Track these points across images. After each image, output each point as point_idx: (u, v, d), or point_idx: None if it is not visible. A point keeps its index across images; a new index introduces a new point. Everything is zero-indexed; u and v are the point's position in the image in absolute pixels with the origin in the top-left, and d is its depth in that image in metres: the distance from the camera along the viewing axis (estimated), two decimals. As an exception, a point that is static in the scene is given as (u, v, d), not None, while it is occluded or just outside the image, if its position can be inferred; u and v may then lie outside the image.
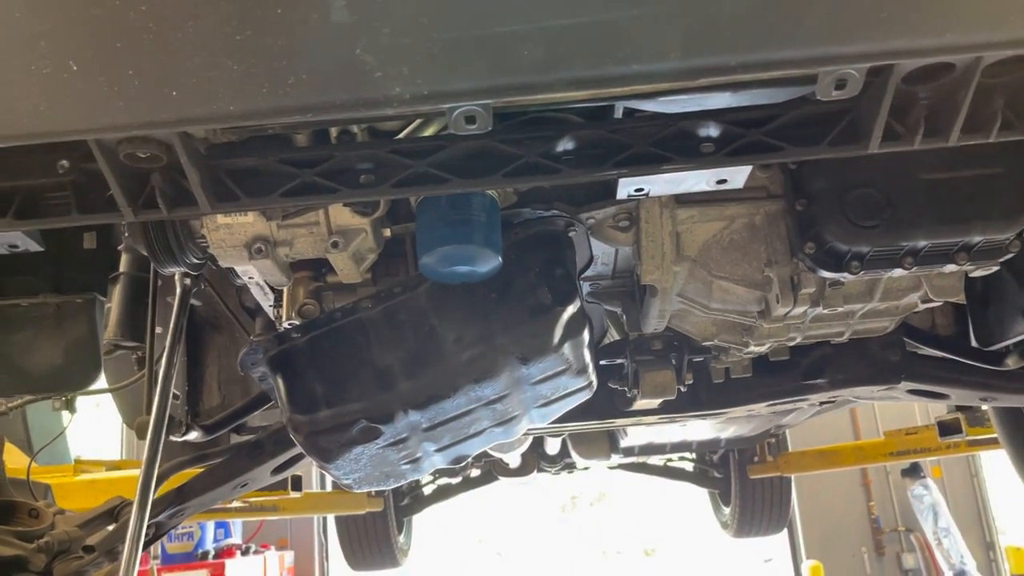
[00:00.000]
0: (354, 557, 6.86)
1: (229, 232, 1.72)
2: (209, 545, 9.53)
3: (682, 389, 2.50)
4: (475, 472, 6.79)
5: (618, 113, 1.53)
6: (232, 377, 2.97)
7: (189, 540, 9.43)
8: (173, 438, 2.46)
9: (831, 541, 11.31)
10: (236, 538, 10.22)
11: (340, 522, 6.72)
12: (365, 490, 2.16)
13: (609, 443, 5.31)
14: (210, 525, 9.61)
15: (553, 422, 2.60)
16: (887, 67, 1.28)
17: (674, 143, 1.45)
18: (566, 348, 1.95)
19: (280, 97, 1.19)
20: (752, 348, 2.28)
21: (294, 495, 4.36)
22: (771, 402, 2.74)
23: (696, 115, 1.44)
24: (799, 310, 2.00)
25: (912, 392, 2.71)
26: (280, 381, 1.93)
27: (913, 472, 11.03)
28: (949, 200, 1.80)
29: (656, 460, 7.13)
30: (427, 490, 7.20)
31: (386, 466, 2.08)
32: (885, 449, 5.71)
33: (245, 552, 9.92)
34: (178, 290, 2.18)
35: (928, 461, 10.84)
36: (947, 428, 3.87)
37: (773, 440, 6.33)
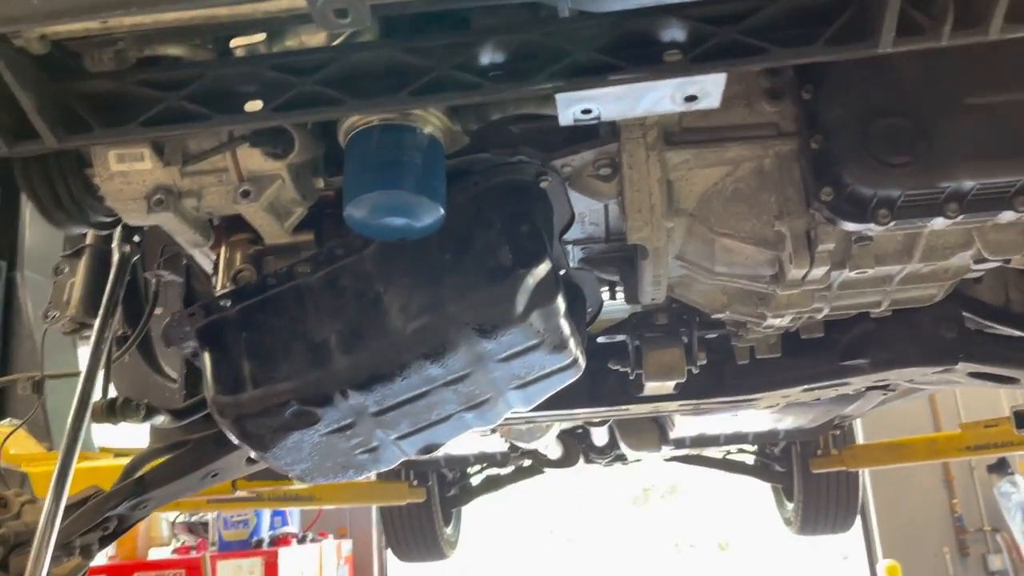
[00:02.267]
0: (399, 548, 6.69)
1: (125, 181, 1.48)
2: (264, 533, 9.50)
3: (693, 370, 2.17)
4: (526, 462, 6.53)
5: (563, 15, 1.22)
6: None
7: (244, 528, 9.42)
8: (131, 423, 2.25)
9: (910, 540, 10.67)
10: (293, 526, 10.18)
11: (384, 512, 6.54)
12: (320, 482, 1.89)
13: (659, 433, 4.98)
14: (266, 513, 9.58)
15: (555, 408, 2.30)
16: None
17: (626, 49, 1.13)
18: (534, 318, 1.64)
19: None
20: (772, 321, 1.93)
21: (300, 484, 4.13)
22: (806, 386, 2.38)
23: (651, 10, 1.12)
24: (818, 272, 1.65)
25: (974, 375, 2.31)
26: (207, 357, 1.69)
27: (1000, 468, 10.31)
28: (1001, 128, 1.43)
29: (714, 453, 6.74)
30: (475, 481, 6.97)
31: (338, 456, 1.81)
32: (961, 443, 5.19)
33: (302, 540, 9.87)
34: (115, 257, 1.96)
35: (1017, 456, 10.11)
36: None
37: (838, 432, 5.88)
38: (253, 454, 1.75)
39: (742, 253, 1.71)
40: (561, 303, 1.68)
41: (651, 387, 2.26)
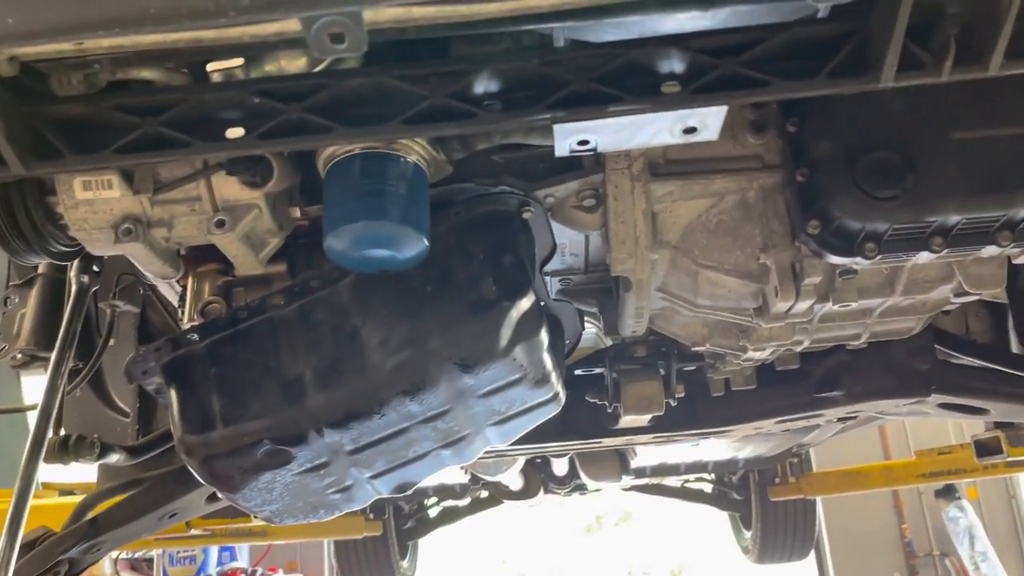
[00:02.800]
0: (354, 582, 6.52)
1: (91, 210, 1.40)
2: (212, 569, 9.22)
3: (671, 403, 2.14)
4: (483, 493, 6.43)
5: (559, 44, 1.19)
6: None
7: (191, 564, 9.12)
8: (85, 463, 2.14)
9: (862, 566, 10.78)
10: (242, 561, 9.89)
11: (339, 547, 6.38)
12: (290, 523, 1.81)
13: (619, 464, 4.95)
14: (214, 548, 9.30)
15: (526, 442, 2.25)
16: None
17: (626, 79, 1.11)
18: (518, 352, 1.60)
19: (75, 6, 0.87)
20: (752, 354, 1.91)
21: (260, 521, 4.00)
22: (780, 418, 2.36)
23: (652, 41, 1.09)
24: (803, 305, 1.64)
25: (944, 407, 2.32)
26: (173, 394, 1.61)
27: (947, 493, 10.49)
28: (987, 164, 1.44)
29: (673, 481, 6.73)
30: (432, 512, 6.85)
31: (310, 496, 1.74)
32: (916, 470, 5.27)
33: (251, 576, 9.60)
34: (73, 288, 1.87)
35: (964, 482, 10.30)
36: (985, 448, 3.45)
37: (795, 460, 5.91)
38: (221, 495, 1.66)
39: (726, 286, 1.69)
40: (544, 337, 1.64)
41: (628, 420, 2.22)
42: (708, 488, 6.83)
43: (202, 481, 1.62)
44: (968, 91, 1.46)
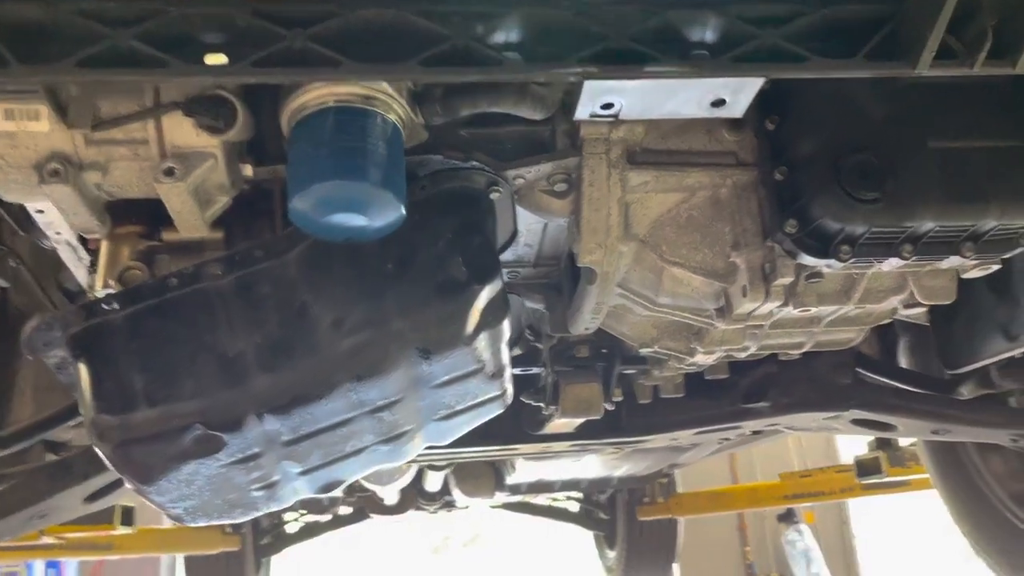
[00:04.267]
0: (203, 602, 6.09)
1: (11, 144, 1.19)
2: (35, 587, 8.43)
3: (608, 407, 2.07)
4: (346, 509, 6.17)
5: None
6: (52, 383, 2.35)
7: (12, 581, 8.31)
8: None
9: (707, 586, 11.10)
10: (69, 579, 9.11)
11: (189, 563, 5.96)
12: (202, 524, 1.62)
13: (495, 479, 4.86)
14: (38, 564, 8.51)
15: (443, 447, 2.13)
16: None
17: (659, 40, 1.03)
18: (481, 341, 1.49)
19: None
20: (698, 358, 1.88)
21: (124, 531, 3.65)
22: (704, 428, 2.35)
23: (693, 3, 1.03)
24: (769, 306, 1.62)
25: (857, 422, 2.38)
26: (84, 369, 1.39)
27: (788, 517, 11.01)
28: (962, 174, 1.46)
29: (540, 500, 6.71)
30: (291, 528, 6.51)
31: (231, 492, 1.55)
32: (780, 492, 5.47)
33: (78, 595, 8.84)
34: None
35: (804, 507, 10.84)
36: (865, 468, 3.60)
37: (665, 480, 6.03)
38: (132, 486, 1.45)
39: (690, 284, 1.65)
40: (508, 326, 1.54)
41: (559, 424, 2.14)
42: (575, 507, 6.86)
43: (113, 469, 1.41)
44: (945, 102, 1.50)
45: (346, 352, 1.40)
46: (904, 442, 3.43)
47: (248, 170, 1.37)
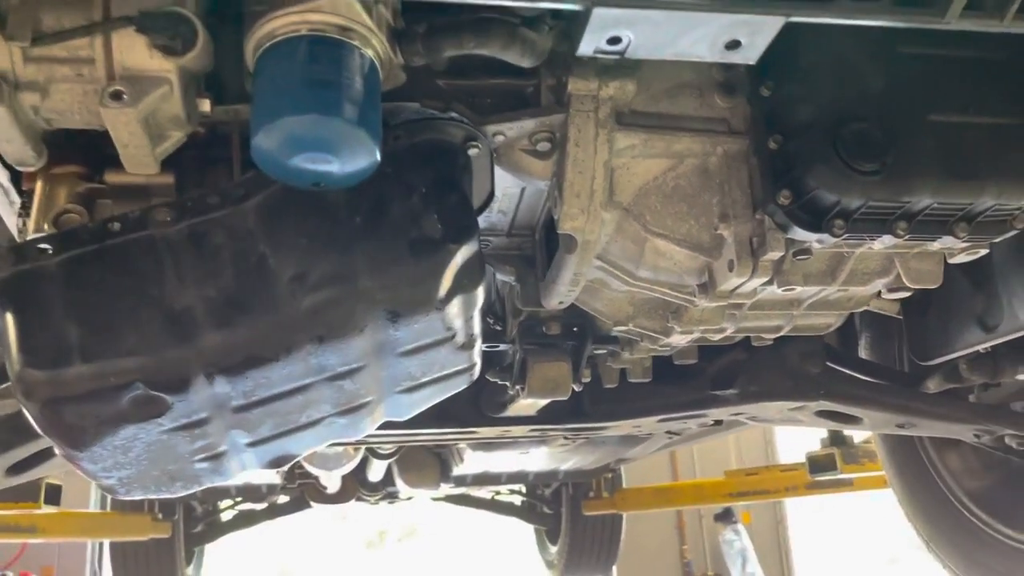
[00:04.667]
0: (131, 591, 5.84)
1: (-64, 54, 1.04)
2: (-51, 572, 8.05)
3: (576, 388, 1.98)
4: (283, 498, 5.99)
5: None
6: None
7: (-77, 565, 7.92)
8: None
9: (643, 583, 11.15)
10: (-14, 564, 8.72)
11: (116, 549, 5.71)
12: (137, 496, 1.48)
13: (440, 470, 4.75)
14: (-48, 548, 8.13)
15: (397, 427, 2.02)
16: None
17: (674, -27, 0.94)
18: (453, 307, 1.39)
19: None
20: (673, 338, 1.80)
21: (48, 510, 3.44)
22: (669, 415, 2.28)
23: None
24: (755, 283, 1.54)
25: (822, 414, 2.33)
26: (10, 317, 1.25)
27: (725, 517, 11.13)
28: (962, 150, 1.41)
29: (483, 492, 6.62)
30: (225, 516, 6.30)
31: (172, 462, 1.42)
32: (725, 489, 5.48)
33: (-4, 581, 8.47)
34: None
35: (741, 506, 10.96)
36: (819, 465, 3.58)
37: (610, 475, 5.98)
38: (61, 451, 1.31)
39: (673, 257, 1.57)
40: (482, 293, 1.44)
41: (524, 405, 2.05)
42: (517, 501, 6.79)
43: (39, 431, 1.27)
44: (947, 75, 1.44)
45: (307, 310, 1.28)
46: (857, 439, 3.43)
47: (206, 105, 1.24)
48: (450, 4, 1.11)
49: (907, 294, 1.70)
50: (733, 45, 1.05)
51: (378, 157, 1.20)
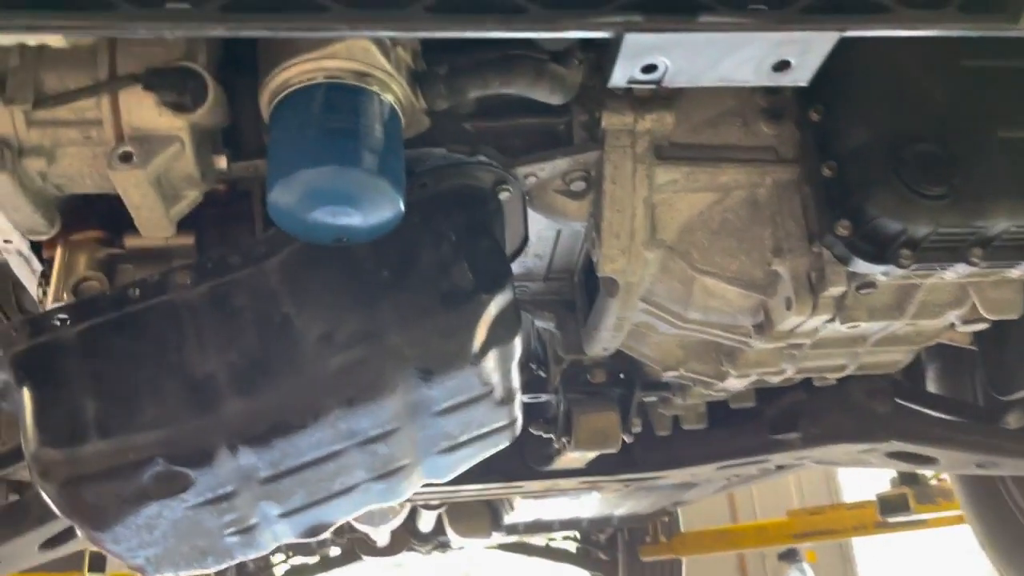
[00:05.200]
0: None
1: (-65, 123, 1.00)
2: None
3: (626, 439, 1.87)
4: (335, 551, 5.91)
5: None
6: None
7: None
8: None
9: (707, 628, 10.79)
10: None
11: (168, 609, 5.65)
12: (168, 574, 1.40)
13: (491, 519, 4.63)
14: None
15: (441, 485, 1.92)
16: None
17: (711, -9, 0.85)
18: (489, 360, 1.30)
19: None
20: (729, 383, 1.68)
21: (93, 578, 3.40)
22: (726, 463, 2.15)
23: (753, -58, 0.85)
24: (815, 321, 1.43)
25: (894, 455, 2.18)
26: (28, 393, 1.19)
27: (789, 557, 10.73)
28: (1034, 167, 1.29)
29: (537, 539, 6.46)
30: (278, 571, 6.24)
31: (200, 537, 1.34)
32: (789, 530, 5.25)
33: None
34: None
35: (806, 546, 10.58)
36: (890, 505, 3.38)
37: (667, 519, 5.80)
38: (83, 533, 1.24)
39: (724, 296, 1.46)
40: (519, 344, 1.35)
41: (570, 459, 1.94)
42: (572, 547, 6.61)
43: (58, 513, 1.20)
44: (1011, 88, 1.33)
45: (334, 372, 1.20)
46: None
47: (222, 162, 1.18)
48: (470, 41, 1.04)
49: (984, 326, 1.56)
50: (782, 67, 0.95)
51: (402, 207, 1.13)
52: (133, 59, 1.04)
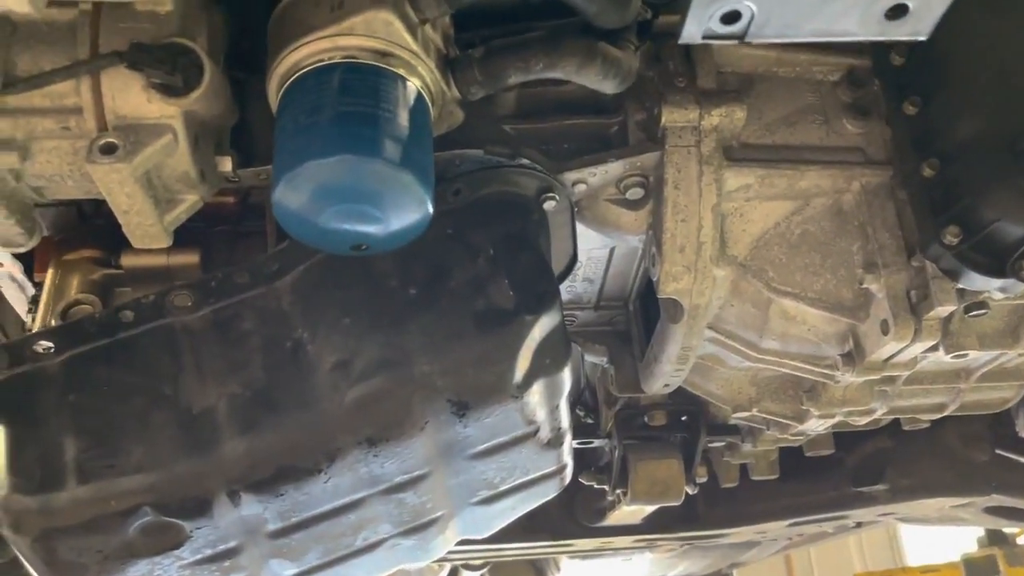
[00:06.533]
0: None
1: None
2: None
3: (690, 490, 1.65)
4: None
5: None
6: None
7: None
8: None
9: None
10: None
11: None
12: (165, 645, 1.21)
13: (534, 578, 4.40)
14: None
15: (479, 543, 1.73)
16: None
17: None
18: (534, 393, 1.11)
19: None
20: (809, 424, 1.47)
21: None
22: (800, 519, 1.91)
23: None
24: (914, 351, 1.22)
25: (992, 511, 1.92)
26: (3, 432, 1.03)
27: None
28: None
29: (586, 602, 6.15)
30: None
31: (201, 603, 1.15)
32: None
33: None
34: None
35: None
36: (977, 569, 3.06)
37: (724, 581, 5.47)
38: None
39: (806, 322, 1.26)
40: (569, 375, 1.15)
41: (626, 513, 1.72)
42: (624, 611, 6.28)
43: (32, 571, 1.02)
44: None
45: (352, 406, 1.03)
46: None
47: (227, 164, 1.03)
48: (510, 13, 0.87)
49: (1111, 356, 1.34)
50: (897, 12, 0.76)
51: (431, 209, 0.95)
52: (119, 37, 0.89)
